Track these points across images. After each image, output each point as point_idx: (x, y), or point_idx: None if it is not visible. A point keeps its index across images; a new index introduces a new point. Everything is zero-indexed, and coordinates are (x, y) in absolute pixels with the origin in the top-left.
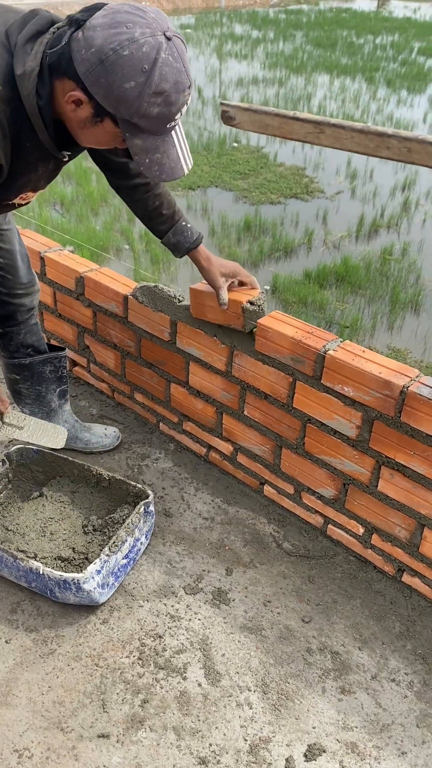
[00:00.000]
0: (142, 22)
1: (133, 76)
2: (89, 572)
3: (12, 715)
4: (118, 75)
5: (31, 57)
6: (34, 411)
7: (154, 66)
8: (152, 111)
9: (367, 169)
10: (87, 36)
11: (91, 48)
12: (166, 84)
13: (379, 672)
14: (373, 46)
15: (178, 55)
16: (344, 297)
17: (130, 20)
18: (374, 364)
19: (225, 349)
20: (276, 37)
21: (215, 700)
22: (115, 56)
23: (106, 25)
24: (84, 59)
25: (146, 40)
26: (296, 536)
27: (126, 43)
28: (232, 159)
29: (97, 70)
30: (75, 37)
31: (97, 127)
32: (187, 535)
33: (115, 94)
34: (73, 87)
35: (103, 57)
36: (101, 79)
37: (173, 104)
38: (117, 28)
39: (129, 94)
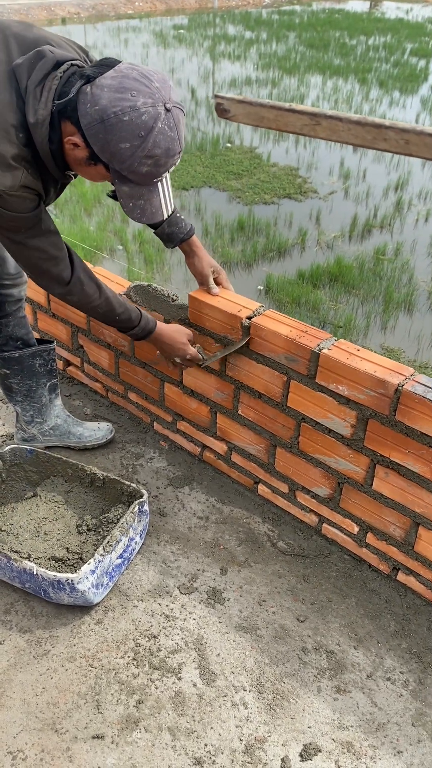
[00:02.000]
0: (147, 91)
1: (129, 139)
2: (83, 572)
3: (5, 716)
4: (115, 135)
5: (42, 104)
6: (25, 407)
7: (149, 134)
8: (141, 170)
9: (359, 170)
10: (94, 93)
11: (96, 105)
12: (158, 150)
13: (374, 671)
14: (366, 47)
15: (173, 124)
16: (338, 297)
17: (136, 88)
18: (369, 362)
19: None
20: (269, 37)
21: (210, 700)
22: (116, 119)
23: (114, 88)
24: (87, 113)
25: (146, 110)
26: (291, 535)
27: (128, 110)
28: (225, 159)
29: (97, 126)
30: (83, 90)
31: (90, 168)
32: (181, 534)
33: (110, 149)
34: (74, 131)
35: (105, 117)
36: (100, 134)
37: (162, 166)
38: (123, 93)
39: (123, 153)
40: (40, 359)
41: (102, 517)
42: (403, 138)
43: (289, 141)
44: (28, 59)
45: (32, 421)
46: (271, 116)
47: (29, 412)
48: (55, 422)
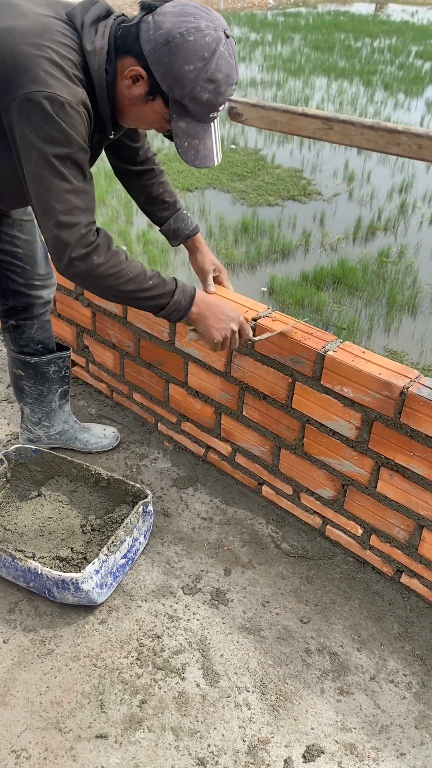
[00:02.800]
0: (207, 17)
1: (193, 60)
2: (88, 572)
3: (9, 715)
4: (180, 56)
5: (99, 36)
6: (34, 409)
7: (212, 55)
8: (202, 96)
9: (364, 172)
10: (157, 20)
11: (160, 30)
12: (220, 74)
13: (377, 673)
14: (371, 50)
15: (232, 51)
16: (341, 299)
17: (197, 13)
18: (374, 365)
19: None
20: (274, 39)
21: (214, 700)
22: (181, 39)
23: (176, 14)
24: (151, 38)
25: (209, 33)
26: (295, 537)
27: (192, 30)
28: (229, 161)
29: (162, 49)
30: (145, 20)
31: (146, 106)
32: (185, 535)
33: (174, 73)
34: (134, 63)
35: (170, 38)
36: (164, 58)
37: (221, 94)
38: (185, 17)
39: (186, 76)
40: (54, 366)
41: (106, 517)
42: (416, 143)
43: (294, 143)
44: (81, 5)
45: (39, 424)
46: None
47: (37, 415)
48: (62, 427)
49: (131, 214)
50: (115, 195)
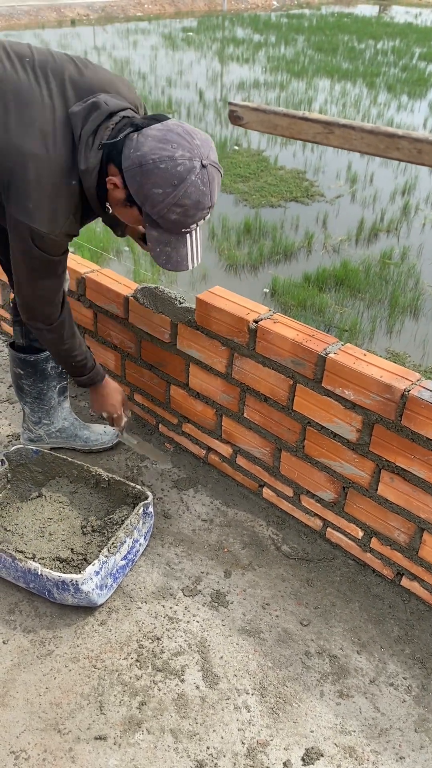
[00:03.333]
0: (187, 146)
1: (162, 185)
2: (88, 573)
3: (9, 716)
4: (150, 180)
5: (93, 153)
6: (34, 408)
7: (181, 183)
8: (171, 216)
9: (367, 173)
10: (139, 140)
11: (138, 151)
12: (188, 200)
13: (377, 676)
14: (374, 51)
15: (207, 180)
16: (343, 300)
17: (178, 142)
18: (375, 367)
19: (225, 351)
20: (278, 41)
21: (213, 702)
22: (153, 165)
23: (157, 138)
24: (129, 156)
25: (183, 162)
26: (295, 539)
27: (165, 159)
28: (232, 162)
29: (135, 169)
30: (130, 137)
31: (126, 209)
32: (185, 536)
33: (144, 192)
34: (116, 173)
35: (144, 162)
36: (137, 177)
37: (190, 217)
38: (164, 144)
39: (155, 198)
40: (52, 362)
41: (107, 518)
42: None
43: (297, 144)
44: (84, 109)
45: (40, 422)
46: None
47: (37, 413)
48: (62, 425)
49: None
50: None
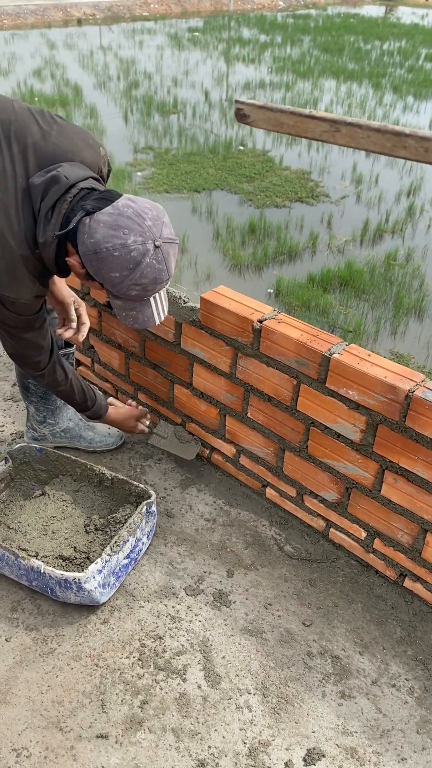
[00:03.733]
0: (138, 230)
1: (119, 269)
2: (90, 572)
3: (11, 713)
4: (106, 266)
5: (51, 227)
6: (39, 408)
7: (137, 267)
8: (131, 293)
9: (372, 174)
10: (92, 226)
11: (91, 238)
12: (145, 280)
13: (379, 677)
14: (381, 52)
15: (162, 258)
16: (348, 301)
17: (129, 226)
18: (379, 368)
19: (229, 351)
20: (284, 41)
21: (215, 702)
22: (107, 253)
23: (108, 225)
24: (84, 242)
25: (136, 248)
26: (298, 539)
27: (118, 247)
28: (237, 162)
29: (91, 256)
30: (83, 222)
31: (90, 282)
32: (188, 536)
33: (102, 275)
34: (73, 252)
35: (98, 250)
36: (93, 263)
37: (149, 291)
38: (116, 231)
39: (113, 280)
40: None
41: (110, 516)
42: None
43: (302, 145)
44: (43, 182)
45: (44, 422)
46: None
47: (42, 413)
48: (67, 425)
49: None
50: None
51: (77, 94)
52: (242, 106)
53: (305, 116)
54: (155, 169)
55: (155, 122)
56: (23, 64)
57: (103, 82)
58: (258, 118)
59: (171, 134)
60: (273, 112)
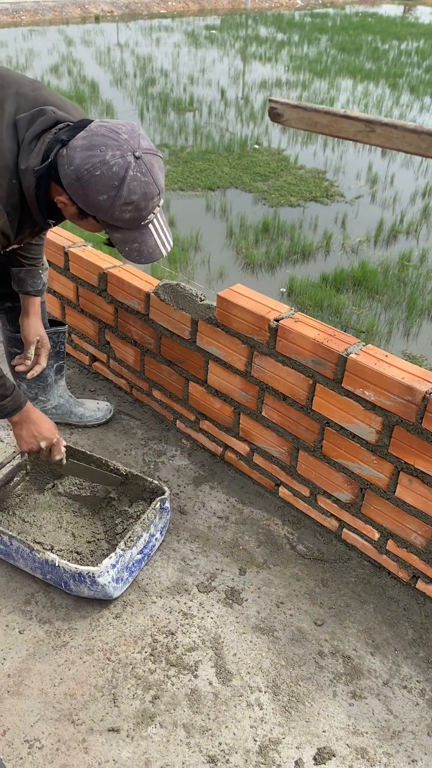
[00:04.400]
0: (115, 144)
1: (105, 190)
2: (104, 566)
3: (24, 705)
4: (92, 190)
5: (34, 155)
6: (31, 385)
7: (122, 183)
8: (124, 216)
9: (387, 174)
10: (69, 154)
11: (71, 166)
12: (135, 196)
13: (390, 678)
14: (398, 52)
15: (146, 170)
16: (361, 302)
17: (104, 143)
18: (396, 369)
19: (245, 350)
20: (301, 40)
21: (226, 699)
22: (89, 175)
23: (84, 147)
24: (66, 174)
25: (116, 162)
26: (310, 539)
27: (98, 165)
28: (252, 161)
29: (75, 184)
30: (60, 154)
31: (84, 221)
32: (201, 533)
33: (91, 203)
34: (60, 191)
35: (80, 175)
36: (79, 191)
37: (143, 210)
38: (92, 151)
39: (103, 204)
40: (50, 342)
41: (123, 511)
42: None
43: (317, 144)
44: (30, 114)
45: (36, 399)
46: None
47: (34, 390)
48: (58, 402)
49: None
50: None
51: (94, 91)
52: (276, 105)
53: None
54: (170, 166)
55: (171, 120)
56: (41, 60)
57: (119, 79)
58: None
59: (186, 132)
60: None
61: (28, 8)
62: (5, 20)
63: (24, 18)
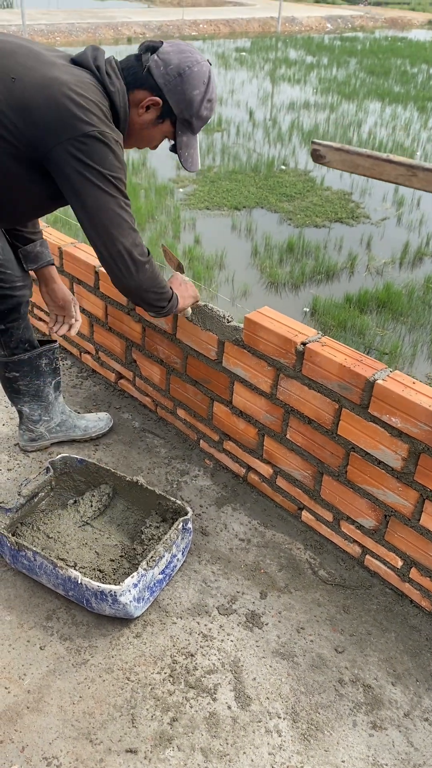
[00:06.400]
0: (195, 51)
1: (199, 86)
2: (126, 585)
3: (43, 722)
4: (191, 84)
5: (115, 78)
6: (32, 407)
7: (209, 80)
8: (203, 113)
9: (414, 197)
10: (164, 59)
11: (170, 65)
12: (214, 94)
13: (412, 710)
14: (427, 76)
15: (214, 75)
16: (385, 323)
17: (190, 50)
18: (424, 396)
19: (271, 372)
20: (330, 63)
21: (244, 724)
22: (189, 71)
23: (176, 52)
24: (165, 73)
25: (203, 63)
26: (333, 564)
27: (194, 63)
28: (279, 181)
29: (176, 80)
30: (152, 59)
31: (155, 128)
32: (222, 555)
33: (186, 98)
34: (148, 95)
35: (181, 71)
36: (178, 87)
37: (211, 110)
38: (185, 54)
39: (195, 99)
40: (45, 359)
41: (146, 530)
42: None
43: None
44: (88, 50)
45: (40, 420)
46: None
47: (37, 412)
48: (60, 418)
49: (179, 230)
50: (164, 211)
51: None
52: (319, 147)
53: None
54: (197, 186)
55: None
56: None
57: None
58: (334, 159)
59: (214, 152)
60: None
61: (62, 29)
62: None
63: (58, 39)
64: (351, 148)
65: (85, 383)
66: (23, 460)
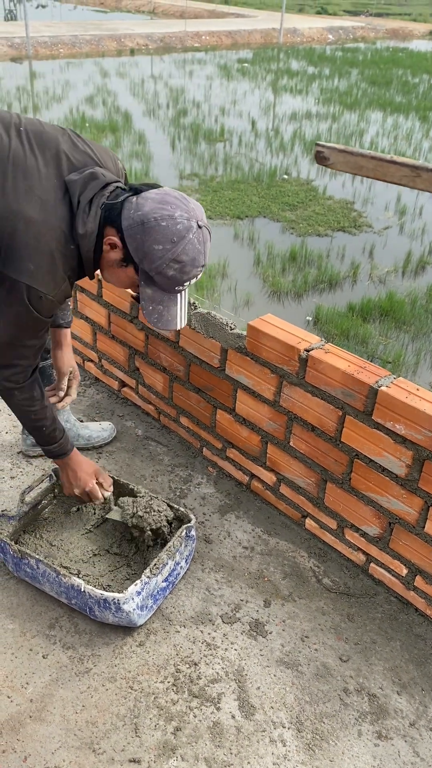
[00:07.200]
0: (184, 207)
1: (163, 242)
2: (129, 593)
3: (45, 731)
4: (151, 237)
5: (91, 218)
6: None
7: (181, 241)
8: (168, 272)
9: (416, 206)
10: (139, 202)
11: (139, 211)
12: (186, 257)
13: (417, 719)
14: (428, 86)
15: (202, 240)
16: (387, 332)
17: (175, 203)
18: (428, 403)
19: (274, 379)
20: (331, 73)
21: (248, 733)
22: (155, 223)
23: (156, 200)
24: (130, 217)
25: (182, 221)
26: (337, 572)
27: (166, 218)
28: (281, 190)
29: (137, 227)
30: (129, 200)
31: (120, 270)
32: (226, 563)
33: (144, 249)
34: (113, 233)
35: (145, 220)
36: (137, 235)
37: (186, 273)
38: (163, 205)
39: (155, 253)
40: (53, 368)
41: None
42: None
43: (346, 175)
44: (82, 178)
45: None
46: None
47: None
48: (65, 427)
49: None
50: None
51: (127, 121)
52: (322, 148)
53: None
54: (199, 195)
55: (202, 150)
56: (76, 91)
57: (152, 110)
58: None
59: (216, 162)
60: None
61: (65, 41)
62: (44, 53)
63: (62, 51)
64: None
65: (89, 391)
66: (26, 468)
